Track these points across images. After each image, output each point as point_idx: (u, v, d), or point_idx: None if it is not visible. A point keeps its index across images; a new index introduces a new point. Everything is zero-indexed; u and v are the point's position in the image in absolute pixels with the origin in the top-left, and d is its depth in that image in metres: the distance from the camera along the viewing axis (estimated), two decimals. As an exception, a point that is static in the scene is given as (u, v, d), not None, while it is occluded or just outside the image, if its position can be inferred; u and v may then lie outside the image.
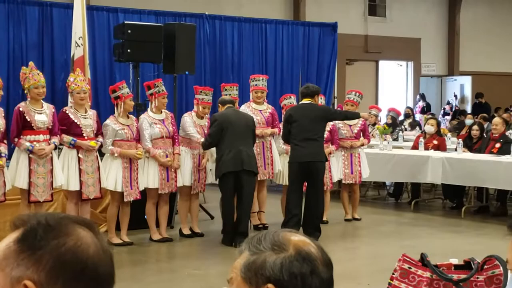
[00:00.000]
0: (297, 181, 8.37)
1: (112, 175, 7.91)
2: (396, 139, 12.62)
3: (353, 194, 9.93)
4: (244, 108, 9.07)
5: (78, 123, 7.75)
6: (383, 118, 14.71)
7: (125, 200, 8.00)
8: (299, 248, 1.56)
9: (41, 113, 7.53)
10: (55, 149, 7.81)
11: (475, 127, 11.23)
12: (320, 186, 8.48)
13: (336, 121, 9.50)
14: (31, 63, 7.79)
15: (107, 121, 8.03)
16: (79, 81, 7.86)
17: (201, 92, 8.60)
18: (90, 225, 1.39)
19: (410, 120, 15.01)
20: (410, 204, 11.09)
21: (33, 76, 7.55)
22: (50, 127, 7.58)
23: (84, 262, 1.31)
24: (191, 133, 8.42)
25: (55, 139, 7.64)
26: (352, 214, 9.93)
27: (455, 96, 20.34)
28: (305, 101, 8.49)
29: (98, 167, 7.86)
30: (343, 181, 9.77)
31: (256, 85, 9.28)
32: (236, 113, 8.32)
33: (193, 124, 8.49)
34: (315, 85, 9.00)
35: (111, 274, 1.37)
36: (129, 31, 9.55)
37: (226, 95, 8.99)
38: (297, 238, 1.60)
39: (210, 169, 8.70)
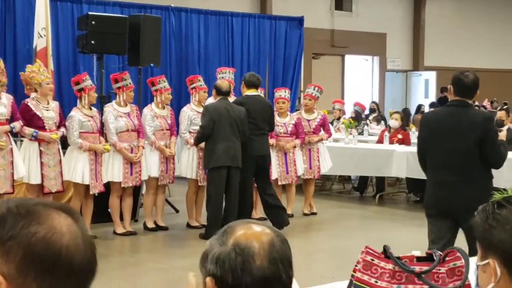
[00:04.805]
0: (252, 175, 8.39)
1: (79, 168, 7.79)
2: (361, 133, 12.66)
3: (308, 187, 9.80)
4: (210, 101, 9.02)
5: (40, 115, 7.60)
6: (348, 112, 14.73)
7: (90, 192, 7.90)
8: (238, 242, 1.53)
9: (-2, 105, 7.39)
10: (15, 136, 7.64)
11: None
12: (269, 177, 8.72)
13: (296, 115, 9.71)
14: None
15: (72, 113, 7.89)
16: (45, 71, 7.73)
17: (159, 81, 8.60)
18: (69, 211, 1.29)
19: (375, 115, 15.05)
20: (375, 198, 11.15)
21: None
22: (8, 118, 7.42)
23: (57, 253, 1.21)
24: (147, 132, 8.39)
25: (16, 124, 7.39)
26: (303, 208, 9.82)
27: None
28: (253, 92, 8.47)
29: (60, 160, 7.74)
30: (302, 176, 9.69)
31: (223, 77, 9.24)
32: (228, 106, 8.18)
33: (154, 116, 8.45)
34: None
35: (90, 263, 1.28)
36: (93, 22, 9.41)
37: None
38: (245, 231, 1.56)
39: (178, 161, 8.67)
